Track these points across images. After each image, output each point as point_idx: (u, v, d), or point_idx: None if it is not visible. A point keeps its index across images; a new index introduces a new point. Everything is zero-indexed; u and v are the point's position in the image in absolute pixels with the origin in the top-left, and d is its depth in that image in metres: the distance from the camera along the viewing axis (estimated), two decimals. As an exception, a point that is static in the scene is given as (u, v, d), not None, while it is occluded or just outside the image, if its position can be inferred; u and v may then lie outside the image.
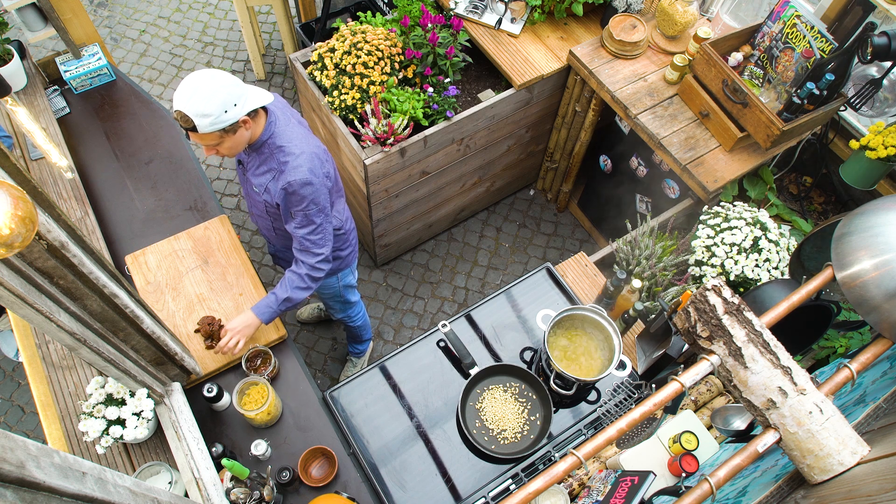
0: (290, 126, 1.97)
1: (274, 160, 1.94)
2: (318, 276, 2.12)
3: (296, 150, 1.93)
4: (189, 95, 1.70)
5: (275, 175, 1.95)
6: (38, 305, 1.25)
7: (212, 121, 1.74)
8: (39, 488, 0.74)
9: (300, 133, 1.99)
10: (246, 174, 2.07)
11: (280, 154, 1.93)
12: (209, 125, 1.74)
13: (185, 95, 1.71)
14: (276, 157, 1.94)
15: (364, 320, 2.93)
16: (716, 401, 2.19)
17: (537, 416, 2.11)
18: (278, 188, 1.94)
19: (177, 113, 1.73)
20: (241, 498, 1.80)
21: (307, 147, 1.95)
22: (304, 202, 1.95)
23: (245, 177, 2.10)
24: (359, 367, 3.22)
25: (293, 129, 1.97)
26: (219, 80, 1.73)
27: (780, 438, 1.00)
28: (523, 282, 2.43)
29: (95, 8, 4.58)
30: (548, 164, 3.63)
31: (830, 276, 1.16)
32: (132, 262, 2.35)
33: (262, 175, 1.99)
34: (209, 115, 1.73)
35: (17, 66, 2.69)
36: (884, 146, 2.32)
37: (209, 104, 1.71)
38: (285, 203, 1.98)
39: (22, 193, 0.96)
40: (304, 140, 1.97)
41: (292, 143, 1.94)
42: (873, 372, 1.31)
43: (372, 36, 2.64)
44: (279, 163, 1.93)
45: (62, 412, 2.08)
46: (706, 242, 2.38)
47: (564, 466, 1.01)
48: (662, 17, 2.85)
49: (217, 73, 1.74)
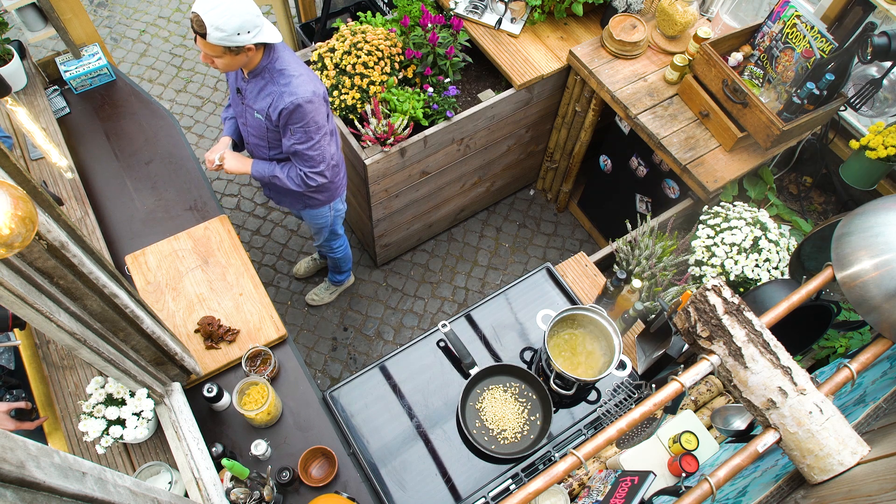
0: (288, 53, 2.08)
1: (275, 83, 2.05)
2: (310, 185, 2.25)
3: (295, 72, 2.05)
4: (213, 5, 1.79)
5: (276, 97, 2.05)
6: (38, 305, 1.25)
7: (222, 37, 1.83)
8: (39, 488, 0.74)
9: (299, 60, 2.11)
10: (244, 101, 2.17)
11: (280, 77, 2.04)
12: (218, 39, 1.84)
13: (209, 4, 1.79)
14: (276, 81, 2.05)
15: (346, 253, 3.08)
16: (716, 401, 2.19)
17: (537, 416, 2.11)
18: (280, 107, 2.04)
19: (194, 14, 1.81)
20: (241, 498, 1.80)
21: (306, 70, 2.08)
22: (305, 119, 2.07)
23: (243, 105, 2.19)
24: (334, 296, 3.45)
25: (292, 56, 2.09)
26: (244, 4, 1.83)
27: (780, 438, 1.00)
28: (523, 282, 2.43)
29: (95, 8, 4.58)
30: (548, 164, 3.63)
31: (830, 276, 1.16)
32: (132, 262, 2.35)
33: (263, 99, 2.10)
34: (223, 31, 1.82)
35: (17, 66, 2.69)
36: (884, 146, 2.32)
37: (228, 22, 1.81)
38: (286, 121, 2.08)
39: (22, 193, 0.96)
40: (303, 65, 2.09)
41: (291, 66, 2.06)
42: (873, 372, 1.31)
43: (372, 36, 2.64)
44: (280, 85, 2.04)
45: (62, 412, 2.08)
46: (706, 242, 2.38)
47: (564, 466, 1.01)
48: (662, 17, 2.85)
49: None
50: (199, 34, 1.84)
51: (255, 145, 2.33)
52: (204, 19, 1.79)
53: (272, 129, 2.17)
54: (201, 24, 1.81)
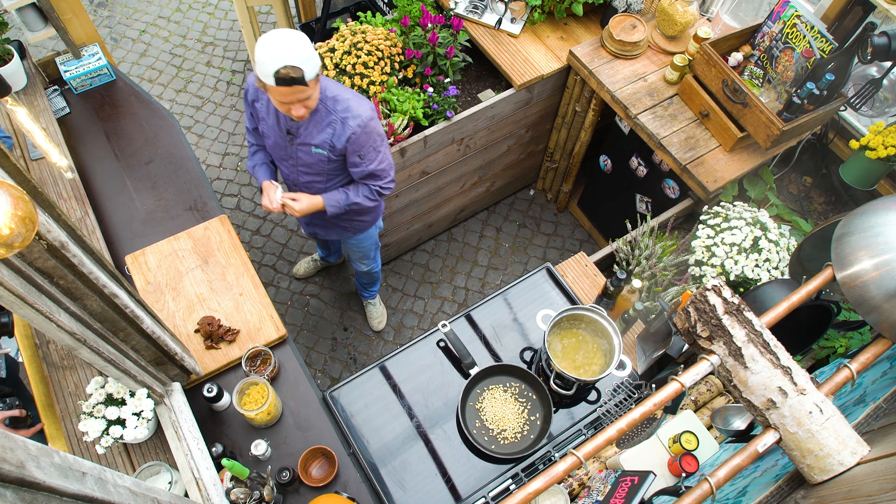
0: (326, 79, 2.03)
1: (331, 112, 1.99)
2: (384, 195, 2.23)
3: (345, 95, 1.99)
4: (286, 47, 1.72)
5: (337, 125, 1.99)
6: (38, 305, 1.25)
7: (313, 65, 1.77)
8: (39, 488, 0.74)
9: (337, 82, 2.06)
10: (296, 141, 2.09)
11: (335, 104, 1.98)
12: (313, 70, 1.78)
13: (281, 50, 1.71)
14: (332, 109, 1.98)
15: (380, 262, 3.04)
16: (716, 401, 2.18)
17: (537, 416, 2.11)
18: (348, 134, 1.99)
19: (284, 70, 1.72)
20: (241, 498, 1.80)
21: (349, 89, 2.03)
22: (372, 136, 2.04)
23: (294, 146, 2.11)
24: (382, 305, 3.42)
25: (331, 81, 2.04)
26: (291, 30, 1.77)
27: (780, 438, 1.00)
28: (523, 282, 2.43)
29: (95, 8, 4.58)
30: (548, 164, 3.63)
31: (830, 276, 1.16)
32: (132, 262, 2.35)
33: (323, 131, 2.02)
34: (311, 60, 1.76)
35: (17, 66, 2.69)
36: (884, 146, 2.32)
37: (305, 50, 1.74)
38: (357, 146, 2.03)
39: (22, 193, 0.96)
40: (343, 86, 2.04)
41: (338, 90, 1.99)
42: (873, 372, 1.31)
43: (372, 36, 2.64)
44: (337, 112, 1.98)
45: (62, 412, 2.08)
46: (706, 242, 2.38)
47: (564, 466, 1.01)
48: (662, 17, 2.85)
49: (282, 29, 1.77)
50: (299, 81, 1.74)
51: (306, 184, 2.22)
52: (294, 63, 1.71)
53: (333, 160, 2.10)
54: (297, 69, 1.72)
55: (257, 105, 2.11)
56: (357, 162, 2.09)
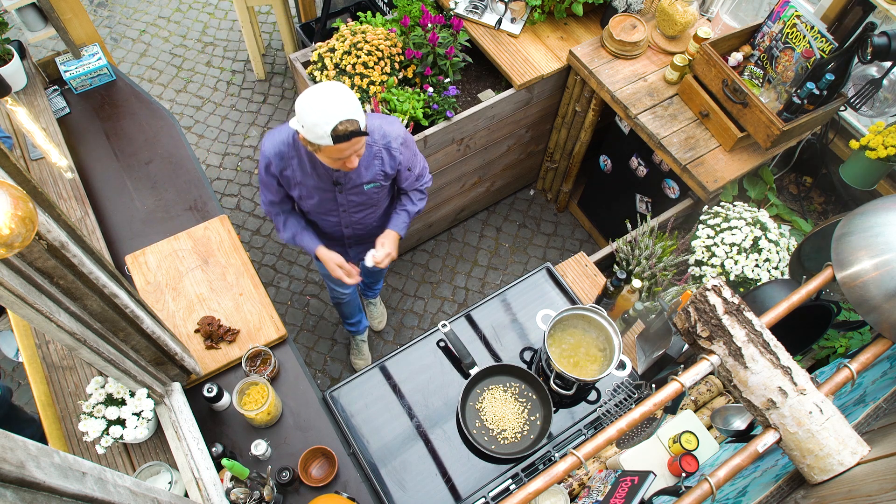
0: None
1: (373, 145, 1.97)
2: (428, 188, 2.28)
3: (375, 122, 1.97)
4: (335, 102, 1.67)
5: (383, 154, 1.99)
6: (38, 305, 1.25)
7: (360, 107, 1.74)
8: (39, 488, 0.74)
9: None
10: (346, 188, 2.03)
11: (372, 136, 1.95)
12: (362, 113, 1.75)
13: (333, 107, 1.66)
14: (372, 142, 1.96)
15: None
16: (716, 401, 2.19)
17: (537, 416, 2.11)
18: (396, 158, 2.01)
19: (342, 126, 1.67)
20: (241, 498, 1.80)
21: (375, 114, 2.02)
22: (412, 146, 2.08)
23: (343, 194, 2.05)
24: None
25: None
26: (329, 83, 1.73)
27: (780, 438, 1.00)
28: (523, 282, 2.43)
29: (95, 8, 4.58)
30: (548, 164, 3.63)
31: (830, 276, 1.16)
32: (132, 262, 2.35)
33: (371, 166, 2.00)
34: (358, 105, 1.73)
35: (17, 66, 2.69)
36: (884, 146, 2.32)
37: (350, 95, 1.72)
38: (405, 164, 2.05)
39: (22, 193, 0.96)
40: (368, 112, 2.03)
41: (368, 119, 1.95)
42: (873, 372, 1.31)
43: (372, 36, 2.64)
44: (378, 142, 1.97)
45: (62, 412, 2.08)
46: (706, 242, 2.38)
47: (564, 466, 1.01)
48: (662, 17, 2.85)
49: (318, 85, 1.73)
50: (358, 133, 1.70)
51: (360, 220, 2.20)
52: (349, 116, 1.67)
53: (384, 186, 2.09)
54: (353, 121, 1.68)
55: (286, 173, 1.99)
56: (407, 175, 2.11)
